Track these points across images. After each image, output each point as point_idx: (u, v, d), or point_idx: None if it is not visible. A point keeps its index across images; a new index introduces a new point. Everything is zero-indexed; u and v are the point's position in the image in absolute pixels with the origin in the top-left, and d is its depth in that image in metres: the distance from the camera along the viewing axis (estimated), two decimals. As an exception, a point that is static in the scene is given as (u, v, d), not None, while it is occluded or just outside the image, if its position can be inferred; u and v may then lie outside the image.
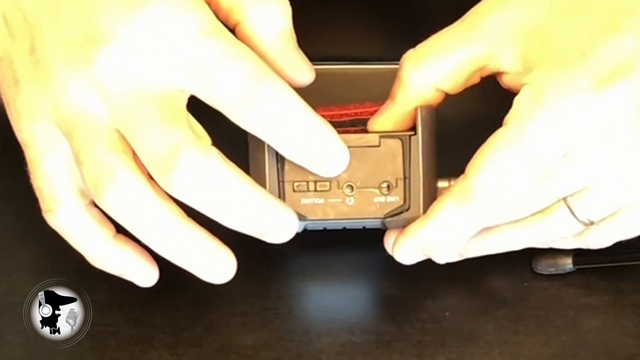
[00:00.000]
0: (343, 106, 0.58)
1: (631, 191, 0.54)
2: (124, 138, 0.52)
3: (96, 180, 0.52)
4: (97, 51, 0.51)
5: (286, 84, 0.52)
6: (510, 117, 0.53)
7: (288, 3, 0.54)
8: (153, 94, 0.51)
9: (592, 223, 0.55)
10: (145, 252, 0.56)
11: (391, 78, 0.57)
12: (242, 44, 0.51)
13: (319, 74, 0.56)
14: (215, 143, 0.53)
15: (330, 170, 0.54)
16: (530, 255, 0.61)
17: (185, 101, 0.52)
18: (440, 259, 0.58)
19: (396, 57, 0.57)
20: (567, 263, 0.60)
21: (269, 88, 0.51)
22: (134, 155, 0.52)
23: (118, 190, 0.51)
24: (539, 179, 0.53)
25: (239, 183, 0.52)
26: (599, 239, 0.56)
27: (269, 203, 0.53)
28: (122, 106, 0.51)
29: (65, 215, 0.54)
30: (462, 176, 0.54)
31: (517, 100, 0.53)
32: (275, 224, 0.53)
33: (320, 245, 0.62)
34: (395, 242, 0.56)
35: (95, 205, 0.54)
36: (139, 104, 0.51)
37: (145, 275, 0.56)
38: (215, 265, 0.55)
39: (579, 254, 0.60)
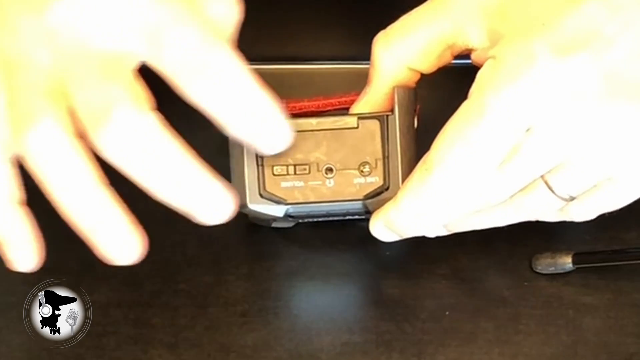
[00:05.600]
0: (328, 96, 0.58)
1: (607, 164, 0.53)
2: (64, 93, 0.49)
3: (21, 120, 0.49)
4: (52, 2, 0.49)
5: (237, 56, 0.49)
6: (472, 90, 0.53)
7: None
8: (101, 51, 0.49)
9: (572, 198, 0.55)
10: (38, 235, 0.51)
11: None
12: (195, 12, 0.49)
13: (300, 74, 0.56)
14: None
15: (271, 146, 0.49)
16: (530, 254, 0.61)
17: (134, 65, 0.50)
18: (428, 232, 0.58)
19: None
20: (567, 262, 0.60)
21: (219, 57, 0.48)
22: (73, 112, 0.49)
23: (39, 135, 0.48)
24: (502, 153, 0.53)
25: (172, 149, 0.48)
26: (582, 213, 0.56)
27: (202, 175, 0.49)
28: (67, 57, 0.49)
29: None
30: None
31: (479, 73, 0.53)
32: (205, 199, 0.49)
33: (320, 244, 0.62)
34: (370, 219, 0.57)
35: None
36: (84, 57, 0.49)
37: (22, 255, 0.51)
38: (120, 243, 0.49)
39: (578, 254, 0.60)
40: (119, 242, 0.49)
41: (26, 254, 0.51)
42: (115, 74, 0.49)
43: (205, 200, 0.49)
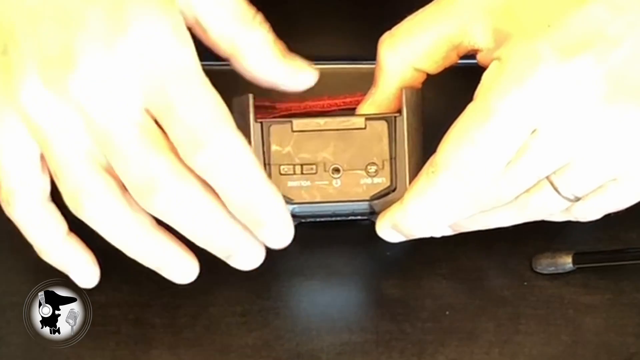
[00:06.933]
0: (334, 96, 0.59)
1: (612, 165, 0.53)
2: (101, 152, 0.54)
3: (74, 197, 0.54)
4: (74, 72, 0.52)
5: (241, 138, 0.53)
6: (478, 92, 0.53)
7: (266, 27, 0.55)
8: (129, 118, 0.52)
9: (577, 199, 0.55)
10: (91, 254, 0.58)
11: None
12: (210, 88, 0.53)
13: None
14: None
15: (270, 238, 0.55)
16: (530, 254, 0.61)
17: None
18: (434, 233, 0.58)
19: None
20: (567, 262, 0.60)
21: (221, 138, 0.52)
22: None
23: (94, 206, 0.54)
24: (508, 154, 0.53)
25: (210, 206, 0.54)
26: (587, 213, 0.56)
27: (236, 229, 0.55)
28: (99, 128, 0.53)
29: (21, 209, 0.55)
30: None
31: (485, 75, 0.54)
32: (241, 249, 0.56)
33: (320, 244, 0.62)
34: (377, 220, 0.57)
35: (53, 200, 0.56)
36: (116, 128, 0.52)
37: (87, 276, 0.58)
38: (179, 268, 0.57)
39: (579, 254, 0.60)
40: (181, 270, 0.57)
41: (86, 274, 0.58)
42: (150, 142, 0.53)
43: (240, 248, 0.56)
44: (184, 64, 0.52)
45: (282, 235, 0.55)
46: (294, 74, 0.56)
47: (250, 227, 0.55)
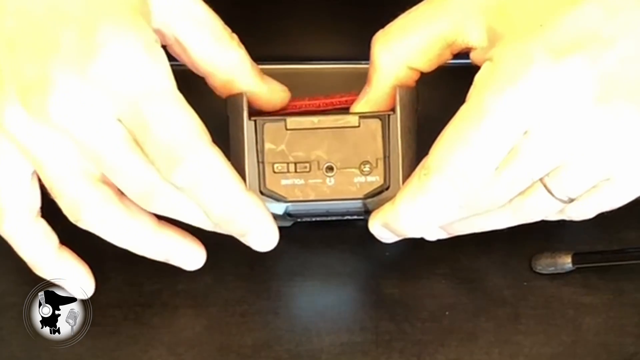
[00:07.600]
0: (329, 95, 0.59)
1: (606, 166, 0.53)
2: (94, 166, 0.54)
3: (73, 211, 0.55)
4: (51, 97, 0.52)
5: (217, 153, 0.53)
6: (470, 93, 0.53)
7: (243, 49, 0.57)
8: (115, 135, 0.53)
9: (571, 200, 0.55)
10: (84, 265, 0.58)
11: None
12: (185, 105, 0.53)
13: (301, 74, 0.56)
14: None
15: (254, 245, 0.56)
16: (530, 254, 0.61)
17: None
18: (426, 235, 0.58)
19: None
20: (567, 262, 0.60)
21: (196, 155, 0.53)
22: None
23: (95, 218, 0.55)
24: (500, 156, 0.53)
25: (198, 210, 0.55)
26: (581, 213, 0.56)
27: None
28: (87, 147, 0.53)
29: (11, 226, 0.56)
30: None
31: (477, 76, 0.53)
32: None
33: (320, 244, 0.62)
34: (369, 219, 0.57)
35: (45, 208, 0.57)
36: (104, 146, 0.53)
37: (81, 287, 0.59)
38: (186, 257, 0.58)
39: (578, 254, 0.60)
40: (189, 258, 0.58)
41: (81, 284, 0.58)
42: (136, 153, 0.53)
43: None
44: (157, 82, 0.52)
45: (267, 242, 0.56)
46: (269, 93, 0.57)
47: (234, 235, 0.56)
